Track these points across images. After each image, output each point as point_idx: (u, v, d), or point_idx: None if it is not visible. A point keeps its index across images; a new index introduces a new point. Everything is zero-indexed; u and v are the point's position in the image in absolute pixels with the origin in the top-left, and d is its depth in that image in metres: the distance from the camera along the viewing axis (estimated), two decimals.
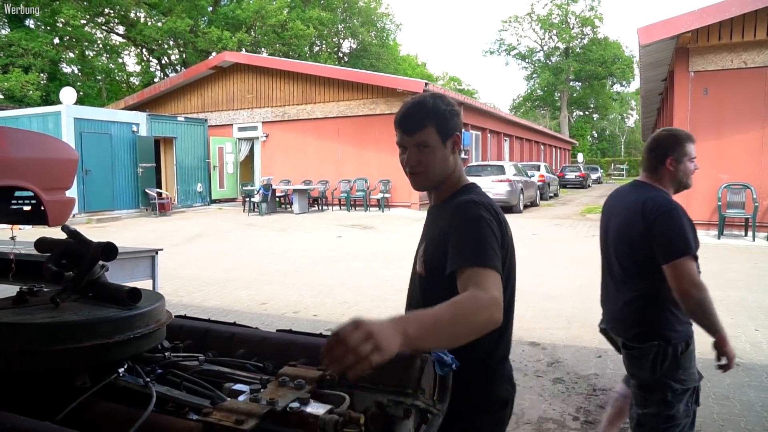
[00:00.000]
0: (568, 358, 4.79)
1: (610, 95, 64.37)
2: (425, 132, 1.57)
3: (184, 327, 1.50)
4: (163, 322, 1.30)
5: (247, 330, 1.46)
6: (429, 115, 1.57)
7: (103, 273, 1.29)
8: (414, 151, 1.58)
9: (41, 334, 1.12)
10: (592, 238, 11.37)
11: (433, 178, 1.62)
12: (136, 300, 1.24)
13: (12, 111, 17.74)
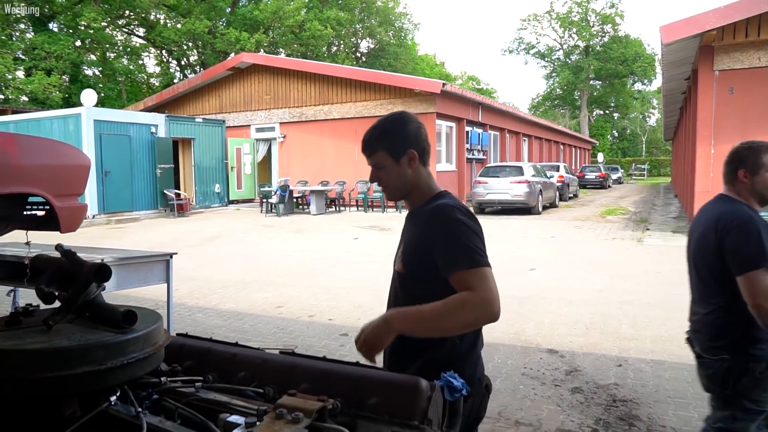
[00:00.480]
0: (587, 366, 4.67)
1: (631, 94, 63.58)
2: (377, 155, 1.81)
3: (184, 347, 1.44)
4: (160, 344, 1.24)
5: (249, 351, 1.40)
6: (379, 139, 1.80)
7: (98, 293, 1.24)
8: (373, 170, 1.85)
9: (31, 360, 1.07)
10: (612, 241, 11.19)
11: (395, 191, 1.85)
12: (132, 322, 1.19)
13: (34, 113, 17.99)
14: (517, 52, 63.46)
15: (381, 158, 1.81)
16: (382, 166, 1.82)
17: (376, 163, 1.82)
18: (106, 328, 1.19)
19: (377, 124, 1.85)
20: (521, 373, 4.54)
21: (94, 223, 15.15)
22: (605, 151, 57.05)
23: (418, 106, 17.86)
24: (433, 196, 1.82)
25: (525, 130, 27.46)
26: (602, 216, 16.26)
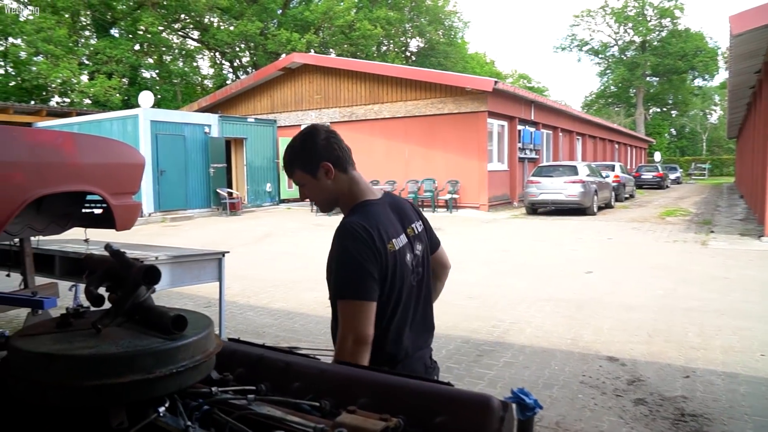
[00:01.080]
0: (651, 376, 4.42)
1: (691, 90, 61.15)
2: (296, 174, 1.85)
3: (236, 353, 1.37)
4: (211, 352, 1.17)
5: (304, 360, 1.31)
6: (292, 160, 1.84)
7: (148, 296, 1.18)
8: (299, 187, 1.88)
9: (78, 367, 1.01)
10: (674, 244, 10.71)
11: (323, 204, 1.89)
12: (182, 328, 1.12)
13: (95, 115, 18.67)
14: (570, 49, 62.14)
15: (300, 177, 1.84)
16: (303, 183, 1.85)
17: (297, 182, 1.86)
18: (155, 333, 1.12)
19: (290, 143, 1.88)
20: (580, 381, 4.34)
21: (150, 221, 15.57)
22: (662, 150, 55.07)
23: (469, 105, 17.61)
24: (352, 207, 1.85)
25: (578, 128, 26.76)
26: (661, 217, 15.62)
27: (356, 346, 1.66)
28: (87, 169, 3.14)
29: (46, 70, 26.13)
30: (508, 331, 5.55)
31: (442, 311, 6.24)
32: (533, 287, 7.37)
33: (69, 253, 4.09)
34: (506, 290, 7.22)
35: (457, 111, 17.88)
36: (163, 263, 4.48)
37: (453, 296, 6.93)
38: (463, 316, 6.06)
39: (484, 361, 4.76)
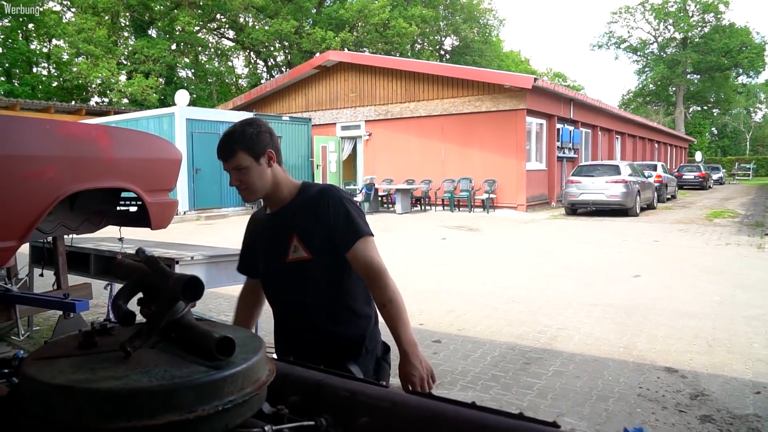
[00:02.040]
0: (716, 390, 4.08)
1: (735, 88, 59.13)
2: (238, 157, 1.84)
3: (289, 378, 1.15)
4: (264, 381, 0.96)
5: (372, 389, 1.09)
6: (237, 141, 1.84)
7: (187, 311, 0.97)
8: (234, 174, 1.86)
9: (102, 404, 0.81)
10: (726, 247, 10.20)
11: (257, 192, 1.90)
12: (229, 353, 0.91)
13: (132, 114, 18.88)
14: (607, 47, 60.83)
15: (242, 160, 1.84)
16: (245, 167, 1.85)
17: (236, 166, 1.84)
18: (195, 359, 0.91)
19: (231, 129, 1.88)
20: (637, 393, 4.04)
21: (185, 219, 15.64)
22: (703, 149, 53.42)
23: (507, 103, 17.22)
24: (300, 188, 1.97)
25: (618, 127, 26.06)
26: (709, 219, 15.00)
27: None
28: (122, 165, 2.99)
29: (86, 70, 26.65)
30: (555, 338, 5.27)
31: (484, 315, 6.03)
32: (579, 291, 7.04)
33: (104, 252, 3.97)
34: (551, 294, 6.91)
35: (494, 109, 17.51)
36: (198, 263, 4.33)
37: (496, 299, 6.67)
38: (507, 321, 5.79)
39: (532, 370, 4.49)
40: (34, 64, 29.61)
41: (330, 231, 1.89)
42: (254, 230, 2.08)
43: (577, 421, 3.58)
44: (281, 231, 1.94)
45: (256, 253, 2.05)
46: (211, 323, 1.10)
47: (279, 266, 1.94)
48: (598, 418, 3.63)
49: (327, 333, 1.93)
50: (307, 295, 1.94)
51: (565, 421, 3.58)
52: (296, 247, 1.90)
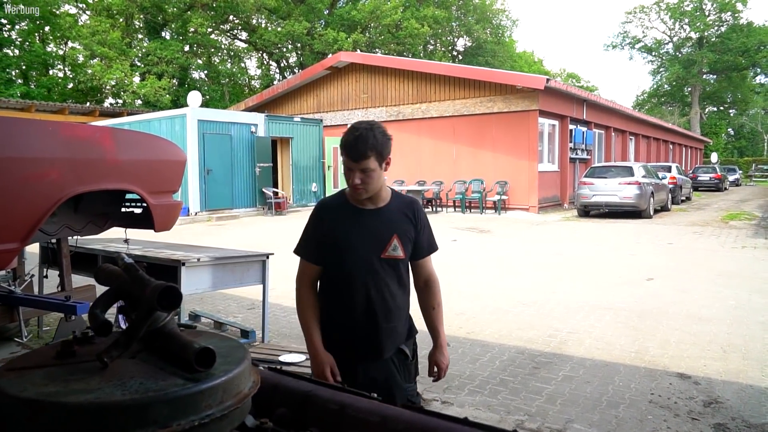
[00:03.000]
0: (731, 398, 3.99)
1: (752, 88, 58.33)
2: (369, 160, 1.98)
3: (278, 388, 1.11)
4: (246, 393, 0.91)
5: (362, 402, 1.05)
6: (372, 146, 1.97)
7: (168, 320, 0.93)
8: (358, 173, 2.00)
9: (72, 419, 0.77)
10: (742, 250, 10.03)
11: (372, 191, 2.07)
12: (209, 364, 0.87)
13: (144, 115, 18.99)
14: (621, 47, 60.15)
15: (371, 163, 1.99)
16: (372, 170, 2.00)
17: (365, 168, 1.98)
18: (175, 370, 0.87)
19: (364, 131, 1.99)
20: (648, 400, 3.96)
21: (196, 220, 15.69)
22: (719, 150, 52.77)
23: (519, 104, 17.11)
24: (391, 191, 2.20)
25: (631, 128, 25.80)
26: (724, 221, 14.78)
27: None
28: (125, 166, 2.97)
29: (100, 72, 26.87)
30: (566, 342, 5.19)
31: (494, 318, 5.96)
32: (591, 294, 6.95)
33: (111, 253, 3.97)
34: (562, 297, 6.82)
35: (507, 110, 17.40)
36: (205, 265, 4.32)
37: (506, 302, 6.59)
38: (517, 324, 5.72)
39: (542, 374, 4.42)
40: (50, 67, 29.93)
41: (416, 238, 2.18)
42: (336, 220, 2.13)
43: (586, 427, 3.52)
44: (382, 228, 2.11)
45: (328, 240, 2.12)
46: (196, 332, 1.07)
47: (372, 260, 2.09)
48: (608, 425, 3.56)
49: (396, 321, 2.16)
50: (392, 290, 2.14)
51: (574, 428, 3.51)
52: (396, 246, 2.11)
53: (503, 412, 3.73)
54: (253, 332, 5.17)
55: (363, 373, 2.09)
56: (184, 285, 4.10)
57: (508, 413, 3.72)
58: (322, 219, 2.16)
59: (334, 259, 2.12)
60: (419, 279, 2.29)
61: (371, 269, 2.09)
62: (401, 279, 2.17)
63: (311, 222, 2.20)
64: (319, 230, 2.15)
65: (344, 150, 2.01)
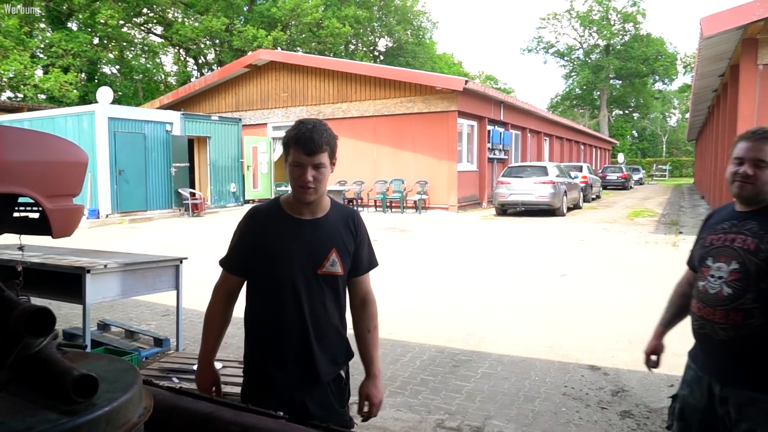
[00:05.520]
0: (635, 386, 4.22)
1: (652, 93, 62.47)
2: (323, 155, 1.86)
3: (175, 410, 1.03)
4: (134, 423, 0.83)
5: (267, 423, 0.99)
6: (327, 140, 1.87)
7: (45, 345, 0.83)
8: (310, 170, 1.84)
9: None
10: (646, 245, 10.66)
11: (321, 192, 1.92)
12: (89, 393, 0.78)
13: (48, 111, 17.81)
14: (536, 52, 62.67)
15: (324, 159, 1.87)
16: (325, 166, 1.88)
17: (319, 162, 1.85)
18: (49, 402, 0.78)
19: (316, 125, 1.89)
20: (562, 393, 4.11)
21: (107, 223, 14.91)
22: (625, 151, 56.04)
23: (439, 104, 17.40)
24: (333, 201, 2.05)
25: (546, 129, 26.89)
26: (630, 218, 15.67)
27: None
28: (16, 168, 2.72)
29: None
30: (484, 339, 5.31)
31: (414, 318, 5.99)
32: (508, 292, 7.15)
33: (3, 261, 3.66)
34: (480, 295, 6.98)
35: (426, 110, 17.66)
36: (113, 271, 4.08)
37: (426, 301, 6.66)
38: (437, 324, 5.79)
39: (461, 373, 4.49)
40: None
41: (356, 252, 2.03)
42: (269, 230, 1.95)
43: (504, 423, 3.59)
44: (320, 241, 1.95)
45: (259, 252, 1.94)
46: (82, 355, 0.97)
47: (308, 276, 1.93)
48: (525, 420, 3.66)
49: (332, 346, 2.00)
50: (327, 309, 1.97)
51: (493, 424, 3.58)
52: (334, 261, 1.95)
53: (424, 412, 3.74)
54: (167, 340, 4.95)
55: (300, 402, 1.92)
56: (90, 294, 3.86)
57: (428, 413, 3.74)
58: (252, 228, 1.98)
59: (265, 273, 1.95)
60: (356, 297, 2.12)
61: (306, 286, 1.93)
62: (339, 297, 2.01)
63: (240, 230, 2.01)
64: (248, 240, 1.97)
65: (297, 143, 1.84)
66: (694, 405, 2.11)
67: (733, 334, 1.94)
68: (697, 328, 2.10)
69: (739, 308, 1.93)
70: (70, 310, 5.95)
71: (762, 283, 1.90)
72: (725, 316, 1.95)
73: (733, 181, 2.01)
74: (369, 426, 3.52)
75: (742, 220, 2.01)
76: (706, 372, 2.07)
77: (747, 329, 1.92)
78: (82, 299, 3.82)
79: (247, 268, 1.99)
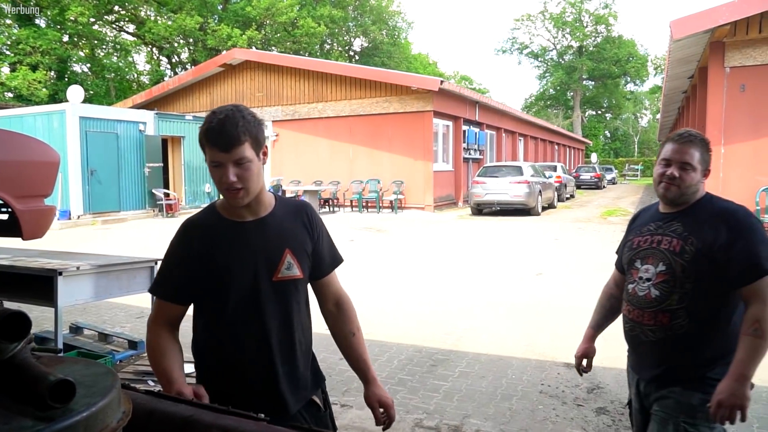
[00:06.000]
0: (610, 383, 4.28)
1: (624, 94, 63.58)
2: (245, 148, 1.55)
3: (154, 414, 1.02)
4: (113, 427, 0.82)
5: (248, 425, 0.98)
6: (244, 129, 1.54)
7: (19, 350, 0.81)
8: (232, 168, 1.55)
9: None
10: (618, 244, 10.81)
11: (252, 192, 1.61)
12: (66, 399, 0.76)
13: (16, 110, 17.42)
14: (511, 52, 63.34)
15: (248, 152, 1.56)
16: (249, 160, 1.56)
17: (240, 158, 1.54)
18: (24, 408, 0.76)
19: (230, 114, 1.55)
20: (539, 391, 4.15)
21: (79, 224, 14.64)
22: (598, 151, 56.94)
23: (414, 104, 17.46)
24: (274, 197, 1.75)
25: (521, 129, 27.16)
26: (603, 217, 15.91)
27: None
28: None
29: None
30: (461, 338, 5.34)
31: (392, 317, 6.01)
32: (485, 290, 7.20)
33: None
34: (457, 294, 7.02)
35: (402, 110, 17.70)
36: (86, 273, 4.00)
37: (403, 301, 6.67)
38: (415, 323, 5.80)
39: (439, 372, 4.51)
40: None
41: (315, 250, 1.76)
42: (210, 241, 1.65)
43: (482, 421, 3.62)
44: (270, 243, 1.66)
45: (201, 269, 1.64)
46: (57, 359, 0.95)
47: (261, 286, 1.63)
48: (502, 418, 3.68)
49: (299, 362, 1.72)
50: (292, 321, 1.69)
51: (471, 422, 3.60)
52: (290, 263, 1.67)
53: (402, 412, 3.75)
54: (141, 343, 4.87)
55: None
56: (62, 296, 3.78)
57: (407, 412, 3.75)
58: (190, 242, 1.67)
59: (212, 291, 1.65)
60: (327, 301, 1.84)
61: (261, 297, 1.64)
62: (301, 306, 1.73)
63: (175, 248, 1.70)
64: (186, 257, 1.66)
65: (209, 139, 1.55)
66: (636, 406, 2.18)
67: (660, 336, 1.98)
68: (628, 330, 2.13)
69: (665, 310, 1.97)
70: (40, 314, 5.82)
71: (687, 284, 1.93)
72: (653, 317, 1.99)
73: (659, 182, 2.03)
74: (347, 426, 3.52)
75: (667, 221, 2.05)
76: (637, 372, 2.14)
77: (672, 330, 1.96)
78: (53, 302, 3.74)
79: (187, 292, 1.67)
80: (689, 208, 2.02)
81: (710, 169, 2.02)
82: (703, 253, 1.90)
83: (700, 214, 1.98)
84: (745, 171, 9.52)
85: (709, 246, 1.90)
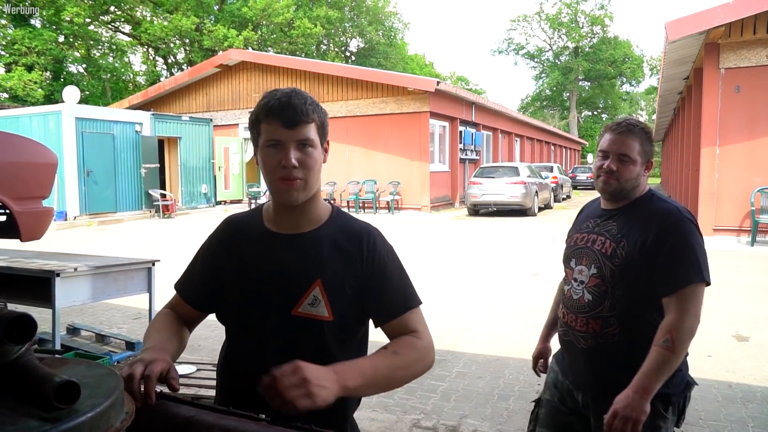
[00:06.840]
0: None
1: (620, 95, 63.74)
2: (311, 129, 1.28)
3: (157, 414, 1.03)
4: (118, 428, 0.83)
5: (249, 426, 0.99)
6: (313, 108, 1.29)
7: (23, 352, 0.83)
8: (293, 149, 1.25)
9: None
10: None
11: (312, 185, 1.31)
12: (71, 400, 0.78)
13: (12, 110, 17.39)
14: (507, 53, 63.38)
15: (313, 134, 1.29)
16: (313, 145, 1.28)
17: (304, 138, 1.26)
18: (30, 409, 0.77)
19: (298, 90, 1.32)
20: (536, 391, 4.15)
21: (76, 225, 14.61)
22: (594, 152, 57.02)
23: (410, 105, 17.48)
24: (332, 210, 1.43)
25: (517, 130, 27.21)
26: None
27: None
28: None
29: None
30: (458, 339, 5.35)
31: None
32: (481, 291, 7.22)
33: None
34: (454, 294, 7.04)
35: (398, 111, 17.72)
36: (83, 275, 4.01)
37: None
38: None
39: (436, 372, 4.52)
40: None
41: (365, 290, 1.34)
42: (238, 248, 1.40)
43: (479, 422, 3.63)
44: (299, 267, 1.32)
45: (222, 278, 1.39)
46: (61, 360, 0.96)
47: (280, 317, 1.31)
48: (499, 418, 3.70)
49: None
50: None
51: (468, 423, 3.62)
52: (317, 299, 1.30)
53: (399, 412, 3.76)
54: (138, 344, 4.87)
55: None
56: (60, 298, 3.78)
57: (404, 413, 3.76)
58: (219, 243, 1.44)
59: (228, 307, 1.40)
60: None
61: (275, 331, 1.31)
62: (323, 354, 1.29)
63: (206, 246, 1.47)
64: (211, 258, 1.43)
65: (270, 113, 1.27)
66: (556, 408, 2.03)
67: (592, 344, 1.84)
68: (562, 334, 1.99)
69: (597, 316, 1.83)
70: (36, 315, 5.80)
71: (617, 291, 1.79)
72: (585, 324, 1.85)
73: (598, 176, 1.89)
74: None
75: (605, 219, 1.91)
76: (569, 378, 1.99)
77: (604, 338, 1.82)
78: (51, 304, 3.74)
79: (202, 298, 1.44)
80: (628, 206, 1.88)
81: (652, 162, 1.89)
82: (633, 257, 1.76)
83: (637, 213, 1.84)
84: (740, 172, 9.56)
85: (639, 250, 1.76)
